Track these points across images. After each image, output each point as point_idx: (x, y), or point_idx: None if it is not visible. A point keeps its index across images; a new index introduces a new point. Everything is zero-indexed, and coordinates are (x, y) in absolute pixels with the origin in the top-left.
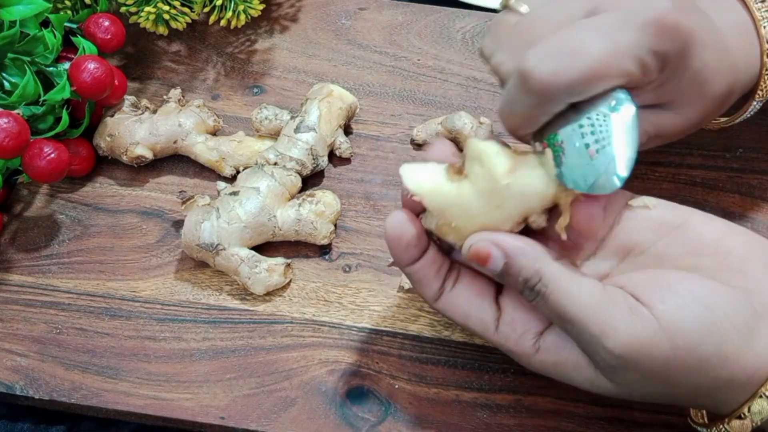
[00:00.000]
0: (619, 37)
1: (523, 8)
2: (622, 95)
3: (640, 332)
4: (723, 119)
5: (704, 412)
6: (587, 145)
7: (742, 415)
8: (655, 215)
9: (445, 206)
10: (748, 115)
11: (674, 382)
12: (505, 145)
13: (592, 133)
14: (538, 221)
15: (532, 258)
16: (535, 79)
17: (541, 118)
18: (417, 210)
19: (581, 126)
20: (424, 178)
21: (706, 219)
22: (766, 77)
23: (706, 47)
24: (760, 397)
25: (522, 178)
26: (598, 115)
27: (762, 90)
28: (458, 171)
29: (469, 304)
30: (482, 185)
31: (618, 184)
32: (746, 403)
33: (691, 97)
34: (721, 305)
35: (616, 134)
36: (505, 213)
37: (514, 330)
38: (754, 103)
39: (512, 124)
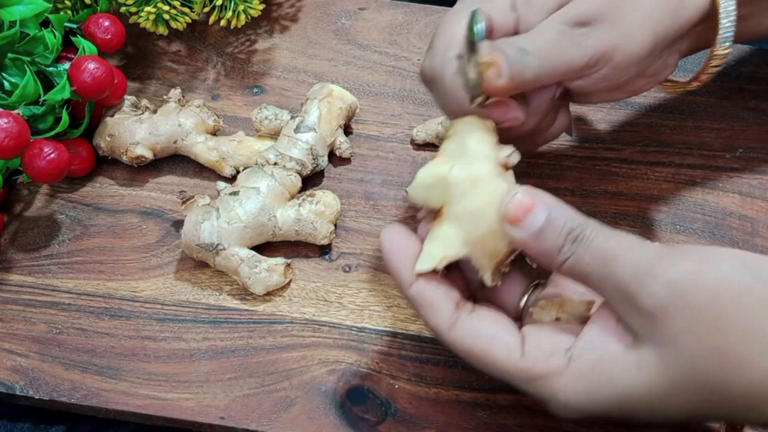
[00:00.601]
0: None
1: None
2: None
3: (685, 262)
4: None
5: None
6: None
7: None
8: None
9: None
10: (716, 65)
11: (728, 324)
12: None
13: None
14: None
15: (573, 210)
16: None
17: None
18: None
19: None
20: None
21: None
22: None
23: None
24: None
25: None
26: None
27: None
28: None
29: (494, 325)
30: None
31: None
32: None
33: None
34: (749, 259)
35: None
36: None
37: (542, 349)
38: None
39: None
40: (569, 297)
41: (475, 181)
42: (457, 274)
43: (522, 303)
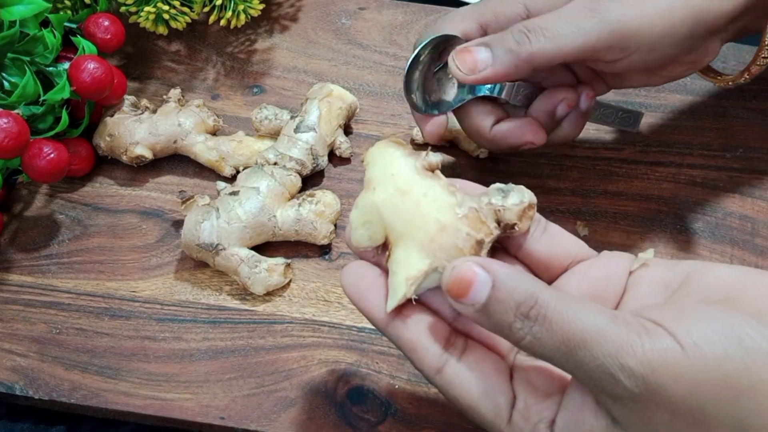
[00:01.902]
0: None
1: None
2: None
3: (659, 348)
4: (730, 76)
5: None
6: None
7: None
8: (657, 277)
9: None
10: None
11: (710, 419)
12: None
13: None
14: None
15: (525, 280)
16: None
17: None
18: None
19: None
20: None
21: (709, 268)
22: None
23: None
24: None
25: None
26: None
27: None
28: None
29: (485, 381)
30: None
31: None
32: None
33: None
34: (743, 328)
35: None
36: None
37: (529, 420)
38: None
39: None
40: None
41: (403, 192)
42: (443, 301)
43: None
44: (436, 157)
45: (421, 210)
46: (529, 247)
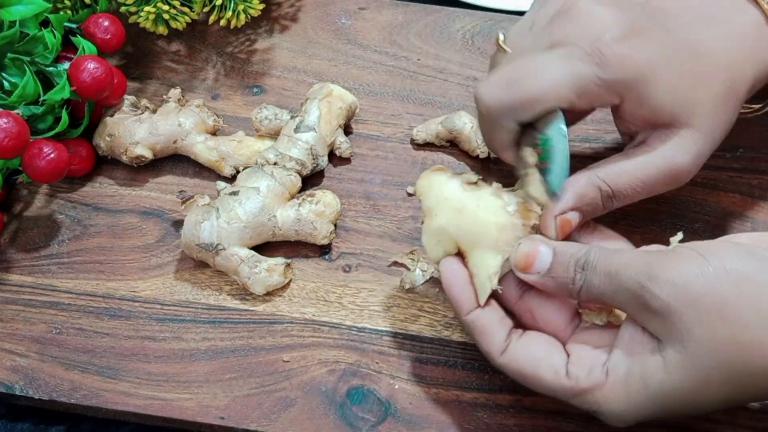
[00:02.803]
0: (560, 68)
1: (507, 49)
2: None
3: (684, 261)
4: (754, 106)
5: None
6: (536, 144)
7: None
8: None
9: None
10: None
11: (733, 311)
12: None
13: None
14: None
15: (576, 245)
16: (482, 102)
17: (498, 134)
18: None
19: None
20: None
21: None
22: None
23: (673, 64)
24: None
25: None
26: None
27: None
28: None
29: (541, 349)
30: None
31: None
32: None
33: (684, 110)
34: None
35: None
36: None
37: (583, 367)
38: None
39: (490, 146)
40: None
41: (459, 210)
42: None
43: (569, 328)
44: (474, 176)
45: (479, 220)
46: None
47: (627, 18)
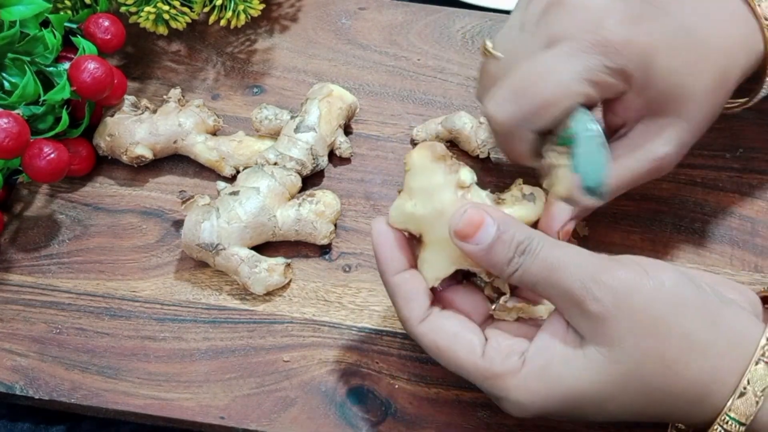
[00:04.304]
0: (568, 66)
1: (498, 55)
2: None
3: (628, 271)
4: (739, 101)
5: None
6: (602, 144)
7: (743, 390)
8: None
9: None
10: (765, 92)
11: (664, 330)
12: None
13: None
14: None
15: (522, 225)
16: (496, 122)
17: (518, 145)
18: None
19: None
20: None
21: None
22: None
23: (673, 49)
24: (757, 363)
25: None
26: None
27: None
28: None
29: (459, 325)
30: None
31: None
32: (744, 375)
33: (678, 98)
34: (694, 276)
35: (583, 139)
36: None
37: (500, 351)
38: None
39: (511, 158)
40: (531, 302)
41: (440, 213)
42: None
43: (489, 310)
44: (468, 179)
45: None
46: None
47: (622, 4)
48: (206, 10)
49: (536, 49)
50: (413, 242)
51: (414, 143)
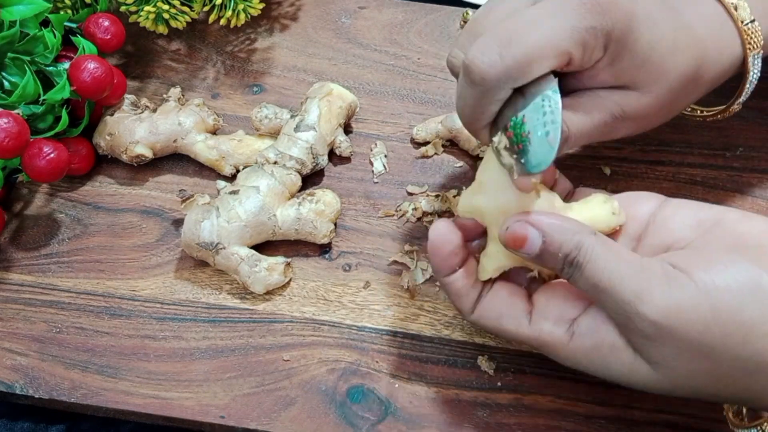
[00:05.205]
0: (555, 21)
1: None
2: (553, 78)
3: (676, 295)
4: (718, 108)
5: (745, 410)
6: (547, 133)
7: None
8: (690, 215)
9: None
10: (744, 98)
11: (716, 355)
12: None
13: (544, 114)
14: None
15: (571, 232)
16: (476, 69)
17: (489, 107)
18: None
19: (543, 109)
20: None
21: (743, 216)
22: (750, 57)
23: (655, 22)
24: None
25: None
26: (544, 98)
27: (752, 71)
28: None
29: (501, 304)
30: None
31: (549, 157)
32: None
33: (650, 74)
34: (766, 277)
35: (560, 115)
36: None
37: (547, 319)
38: (747, 85)
39: (466, 118)
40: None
41: (504, 211)
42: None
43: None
44: (534, 179)
45: None
46: None
47: None
48: (206, 9)
49: (519, 6)
50: (478, 230)
51: (414, 142)
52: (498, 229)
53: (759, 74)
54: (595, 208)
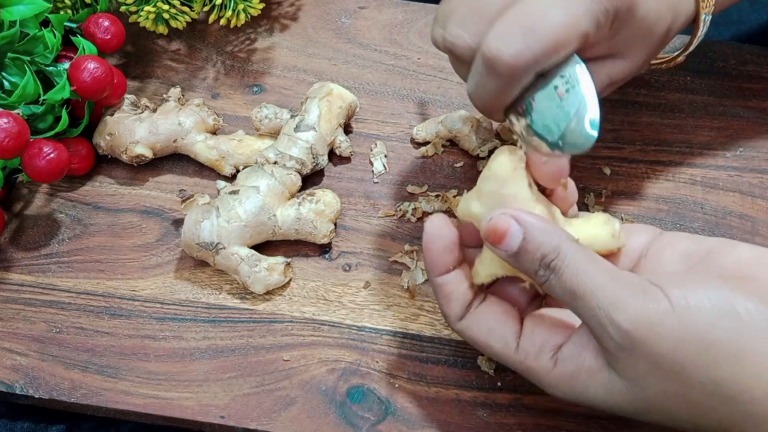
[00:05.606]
0: (571, 3)
1: None
2: (576, 56)
3: (651, 307)
4: (664, 57)
5: None
6: (556, 87)
7: None
8: (682, 247)
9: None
10: (693, 47)
11: (687, 375)
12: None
13: (565, 82)
14: None
15: (552, 235)
16: (503, 62)
17: (512, 94)
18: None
19: (555, 87)
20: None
21: (732, 247)
22: (702, 16)
23: None
24: None
25: None
26: (563, 73)
27: (701, 28)
28: None
29: (493, 320)
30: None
31: (593, 133)
32: None
33: (637, 43)
34: (742, 302)
35: (583, 81)
36: None
37: (534, 344)
38: (695, 40)
39: (486, 106)
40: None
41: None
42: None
43: (530, 306)
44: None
45: None
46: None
47: None
48: (206, 9)
49: None
50: (478, 236)
51: (414, 142)
52: None
53: (706, 32)
54: (596, 227)
